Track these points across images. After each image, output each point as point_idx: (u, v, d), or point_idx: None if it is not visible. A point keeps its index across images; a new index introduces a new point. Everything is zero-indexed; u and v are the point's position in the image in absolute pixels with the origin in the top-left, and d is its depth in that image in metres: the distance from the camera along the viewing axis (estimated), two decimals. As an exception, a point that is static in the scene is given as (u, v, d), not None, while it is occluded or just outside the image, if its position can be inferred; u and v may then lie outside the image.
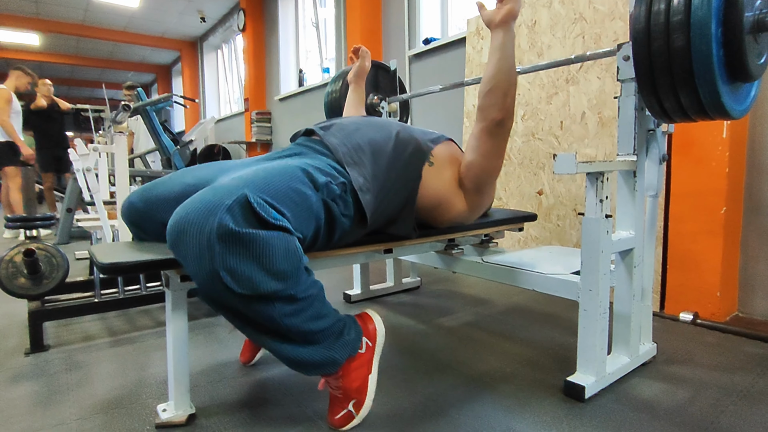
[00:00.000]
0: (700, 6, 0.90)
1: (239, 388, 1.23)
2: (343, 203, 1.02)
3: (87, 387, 1.24)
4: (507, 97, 1.18)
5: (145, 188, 1.12)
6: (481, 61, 2.64)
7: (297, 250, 0.87)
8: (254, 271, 0.81)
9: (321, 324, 0.93)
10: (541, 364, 1.35)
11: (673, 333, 1.59)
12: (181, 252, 0.81)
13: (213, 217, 0.79)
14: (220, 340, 1.56)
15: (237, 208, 0.81)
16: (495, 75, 1.18)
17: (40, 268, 1.47)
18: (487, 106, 1.20)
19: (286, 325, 0.87)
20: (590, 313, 1.14)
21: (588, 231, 1.13)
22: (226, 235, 0.78)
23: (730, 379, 1.25)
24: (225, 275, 0.79)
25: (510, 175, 2.46)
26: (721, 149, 1.65)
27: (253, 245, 0.80)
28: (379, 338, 1.09)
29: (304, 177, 0.95)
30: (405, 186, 1.17)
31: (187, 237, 0.80)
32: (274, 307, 0.84)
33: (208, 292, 0.83)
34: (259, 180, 0.88)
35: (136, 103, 3.81)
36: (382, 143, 1.17)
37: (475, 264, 1.48)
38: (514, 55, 1.21)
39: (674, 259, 1.78)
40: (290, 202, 0.89)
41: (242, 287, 0.80)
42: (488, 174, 1.26)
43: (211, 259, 0.79)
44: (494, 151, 1.23)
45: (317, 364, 0.95)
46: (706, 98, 0.98)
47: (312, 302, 0.91)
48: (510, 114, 1.20)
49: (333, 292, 2.16)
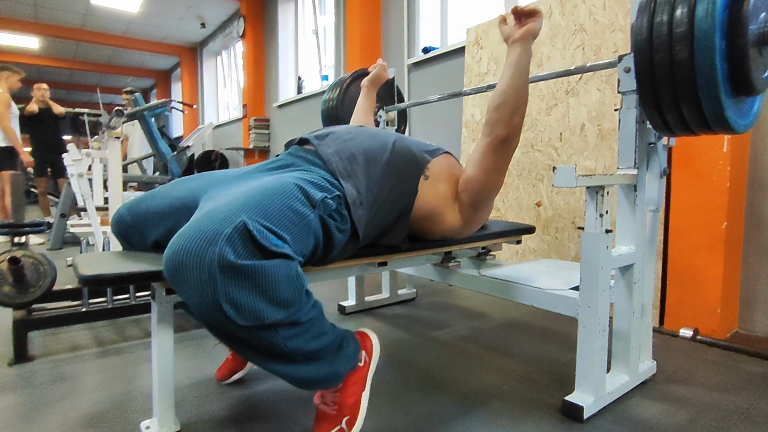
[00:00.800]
0: (704, 18, 0.88)
1: (227, 404, 1.19)
2: (339, 217, 1.00)
3: (71, 400, 1.20)
4: (515, 115, 1.16)
5: (133, 202, 1.10)
6: (480, 70, 2.63)
7: (299, 276, 0.84)
8: (258, 302, 0.78)
9: (322, 341, 0.91)
10: (538, 382, 1.31)
11: (673, 350, 1.56)
12: (182, 284, 0.78)
13: (213, 247, 0.76)
14: (209, 353, 1.52)
15: (237, 237, 0.78)
16: (505, 91, 1.17)
17: (25, 276, 1.43)
18: (494, 121, 1.18)
19: (290, 348, 0.84)
20: (589, 331, 1.11)
21: (587, 246, 1.10)
22: (227, 267, 0.76)
23: (731, 399, 1.22)
24: (228, 308, 0.76)
25: (508, 187, 2.43)
26: (722, 163, 1.63)
27: (256, 276, 0.77)
28: (375, 355, 1.07)
29: (300, 194, 0.92)
30: (399, 199, 1.14)
31: (187, 269, 0.76)
32: (277, 333, 0.82)
33: (210, 323, 0.80)
34: (256, 203, 0.85)
35: (133, 108, 3.79)
36: (377, 154, 1.14)
37: (472, 277, 1.45)
38: (528, 73, 1.19)
39: (674, 274, 1.75)
40: (289, 224, 0.86)
41: (246, 319, 0.78)
42: (488, 190, 1.24)
43: (214, 292, 0.75)
44: (496, 167, 1.20)
45: (321, 380, 0.93)
46: (710, 112, 0.96)
47: (313, 323, 0.89)
48: (516, 132, 1.17)
49: (327, 303, 2.12)
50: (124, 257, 0.99)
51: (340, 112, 2.00)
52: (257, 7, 6.39)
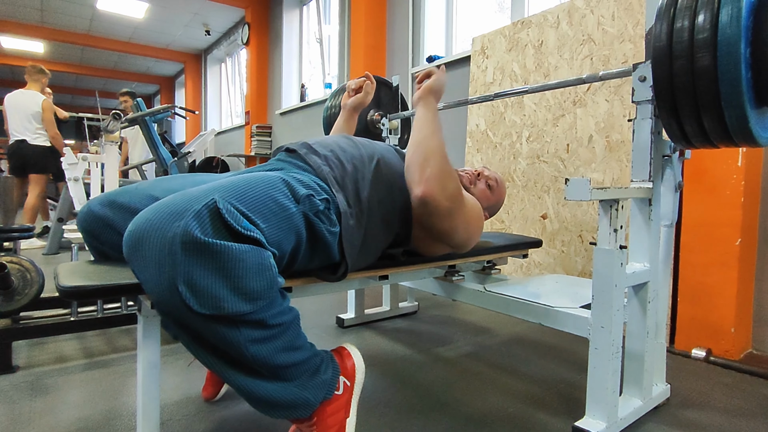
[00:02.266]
0: (728, 23, 0.83)
1: (216, 424, 1.12)
2: (327, 220, 0.92)
3: (51, 416, 1.14)
4: (425, 168, 1.02)
5: (106, 195, 1.02)
6: (485, 80, 2.59)
7: (271, 267, 0.76)
8: (219, 287, 0.71)
9: (293, 357, 0.82)
10: (546, 404, 1.24)
11: (686, 372, 1.49)
12: (139, 260, 0.71)
13: (178, 222, 0.70)
14: (201, 367, 1.45)
15: (206, 214, 0.72)
16: (408, 149, 1.09)
17: (12, 283, 1.37)
18: (408, 183, 1.05)
19: (252, 353, 0.76)
20: (602, 352, 1.05)
21: (600, 263, 1.04)
22: (190, 244, 0.69)
23: (751, 426, 1.15)
24: (184, 289, 0.69)
25: (513, 198, 2.38)
26: (737, 178, 1.57)
27: (221, 258, 0.70)
28: (359, 376, 0.97)
29: (284, 187, 0.86)
30: (392, 211, 1.08)
31: (147, 243, 0.70)
32: (239, 331, 0.74)
33: (165, 309, 0.73)
34: (233, 187, 0.79)
35: (134, 113, 3.75)
36: (364, 163, 1.07)
37: (477, 293, 1.39)
38: (435, 124, 1.10)
39: (685, 292, 1.69)
40: (266, 211, 0.80)
41: (203, 305, 0.70)
42: (465, 243, 1.16)
43: (172, 269, 0.69)
44: (450, 229, 1.08)
45: (286, 405, 0.83)
46: (733, 123, 0.90)
47: (285, 331, 0.80)
48: (432, 185, 1.00)
49: (326, 316, 2.06)
50: (110, 268, 0.93)
51: (343, 120, 1.95)
52: (262, 14, 6.40)
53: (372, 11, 3.93)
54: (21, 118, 4.09)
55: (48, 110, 4.14)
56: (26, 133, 4.10)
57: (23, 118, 4.09)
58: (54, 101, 4.87)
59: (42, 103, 4.12)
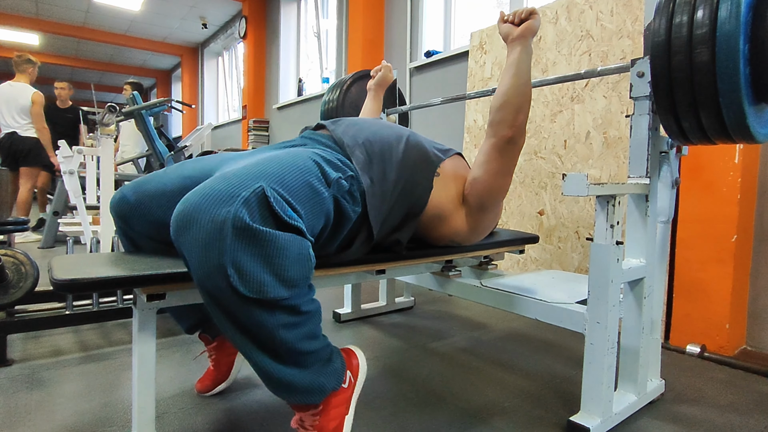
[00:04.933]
0: (727, 19, 0.83)
1: (212, 417, 1.12)
2: (351, 199, 0.96)
3: (46, 410, 1.13)
4: (519, 114, 1.12)
5: (138, 181, 1.03)
6: (483, 75, 2.58)
7: (310, 257, 0.80)
8: (264, 273, 0.73)
9: (313, 345, 0.85)
10: (541, 399, 1.25)
11: (681, 367, 1.50)
12: (187, 240, 0.73)
13: (229, 207, 0.72)
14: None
15: (254, 201, 0.74)
16: (507, 91, 1.12)
17: (6, 277, 1.37)
18: (497, 122, 1.13)
19: (281, 337, 0.78)
20: (597, 348, 1.05)
21: (597, 258, 1.04)
22: (241, 229, 0.72)
23: (744, 421, 1.16)
24: (232, 272, 0.72)
25: (511, 194, 2.38)
26: (733, 174, 1.58)
27: (269, 245, 0.73)
28: (361, 376, 1.00)
29: (317, 171, 0.89)
30: (412, 193, 1.10)
31: (196, 224, 0.72)
32: (274, 315, 0.77)
33: (208, 288, 0.75)
34: (274, 172, 0.81)
35: (130, 107, 3.72)
36: (393, 144, 1.11)
37: (473, 288, 1.39)
38: (529, 71, 1.15)
39: (681, 288, 1.69)
40: (305, 198, 0.83)
41: (248, 288, 0.73)
42: (494, 192, 1.18)
43: (220, 252, 0.71)
44: (502, 169, 1.15)
45: (304, 389, 0.86)
46: (730, 119, 0.90)
47: (310, 318, 0.84)
48: (521, 131, 1.13)
49: (322, 310, 2.05)
50: (105, 260, 0.93)
51: (340, 114, 1.95)
52: (259, 8, 6.36)
53: (370, 5, 3.91)
54: (10, 110, 4.04)
55: (37, 103, 4.09)
56: (16, 126, 4.07)
57: (12, 111, 4.05)
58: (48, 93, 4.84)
59: (31, 95, 4.07)
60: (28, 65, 4.19)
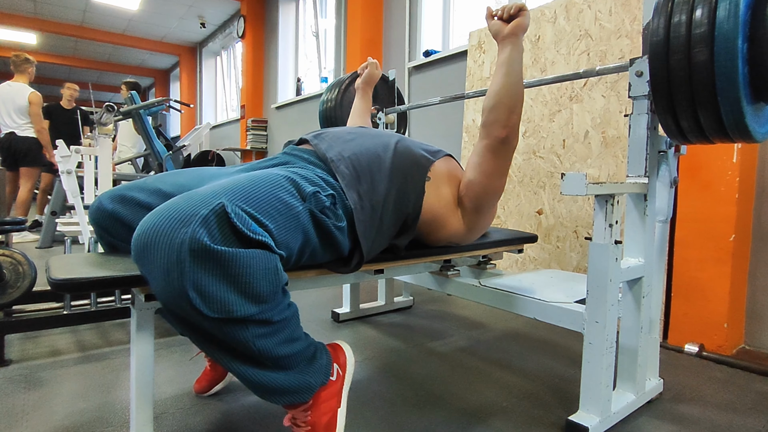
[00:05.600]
0: (726, 18, 0.83)
1: (211, 418, 1.12)
2: (334, 216, 0.93)
3: (44, 410, 1.13)
4: (512, 114, 1.11)
5: (117, 189, 1.02)
6: (482, 75, 2.58)
7: (278, 271, 0.77)
8: (228, 293, 0.71)
9: (293, 348, 0.84)
10: (539, 398, 1.25)
11: (679, 366, 1.50)
12: (146, 266, 0.72)
13: (186, 229, 0.69)
14: (197, 361, 1.45)
15: (213, 219, 0.71)
16: (499, 91, 1.11)
17: (4, 276, 1.36)
18: (490, 122, 1.12)
19: (258, 347, 0.77)
20: (596, 347, 1.05)
21: (595, 258, 1.04)
22: (199, 251, 0.69)
23: (743, 421, 1.16)
24: (194, 296, 0.70)
25: (509, 194, 2.38)
26: (731, 174, 1.58)
27: (231, 265, 0.71)
28: (350, 368, 1.00)
29: (290, 186, 0.86)
30: (405, 201, 1.08)
31: (154, 249, 0.70)
32: (247, 329, 0.75)
33: (175, 312, 0.74)
34: (239, 188, 0.79)
35: (128, 106, 3.71)
36: (380, 155, 1.08)
37: (472, 287, 1.39)
38: (521, 70, 1.13)
39: (679, 288, 1.70)
40: (274, 212, 0.80)
41: (213, 310, 0.71)
42: (490, 194, 1.18)
43: (180, 277, 0.69)
44: (497, 170, 1.15)
45: (291, 390, 0.85)
46: (729, 118, 0.90)
47: (287, 325, 0.82)
48: (515, 131, 1.12)
49: (321, 310, 2.05)
50: (103, 260, 0.93)
51: (339, 114, 1.94)
52: (258, 7, 6.35)
53: (369, 5, 3.91)
54: (8, 110, 4.04)
55: (35, 104, 4.08)
56: (14, 126, 4.06)
57: (10, 111, 4.04)
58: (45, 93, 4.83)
59: (28, 96, 4.06)
60: (28, 65, 4.19)
